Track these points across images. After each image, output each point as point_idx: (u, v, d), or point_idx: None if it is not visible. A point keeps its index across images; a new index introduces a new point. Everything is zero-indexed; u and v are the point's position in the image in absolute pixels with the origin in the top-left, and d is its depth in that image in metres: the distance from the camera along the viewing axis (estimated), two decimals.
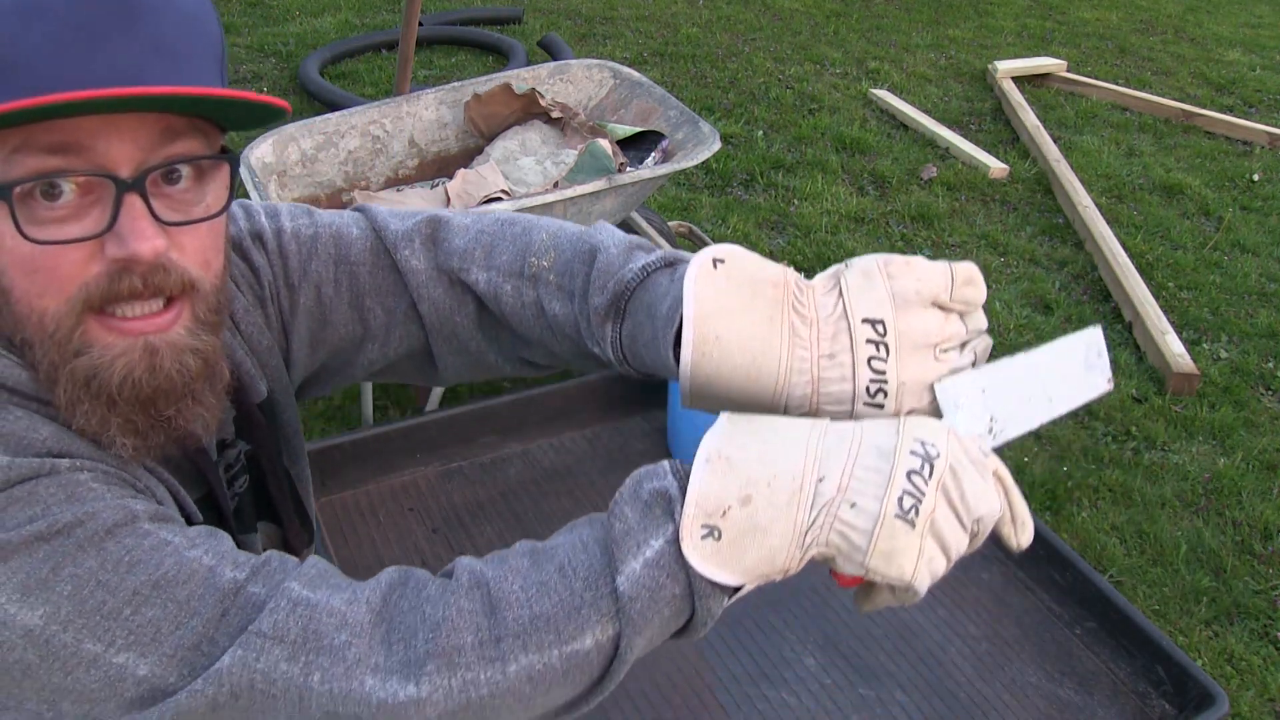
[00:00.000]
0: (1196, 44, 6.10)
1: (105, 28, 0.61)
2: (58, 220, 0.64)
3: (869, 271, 0.73)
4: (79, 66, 0.61)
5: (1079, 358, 0.71)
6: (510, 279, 0.86)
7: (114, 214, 0.64)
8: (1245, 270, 3.70)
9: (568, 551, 0.67)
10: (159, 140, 0.65)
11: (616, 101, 2.89)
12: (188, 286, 0.69)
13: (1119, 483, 2.66)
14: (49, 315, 0.66)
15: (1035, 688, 2.04)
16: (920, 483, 0.63)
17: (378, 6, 5.58)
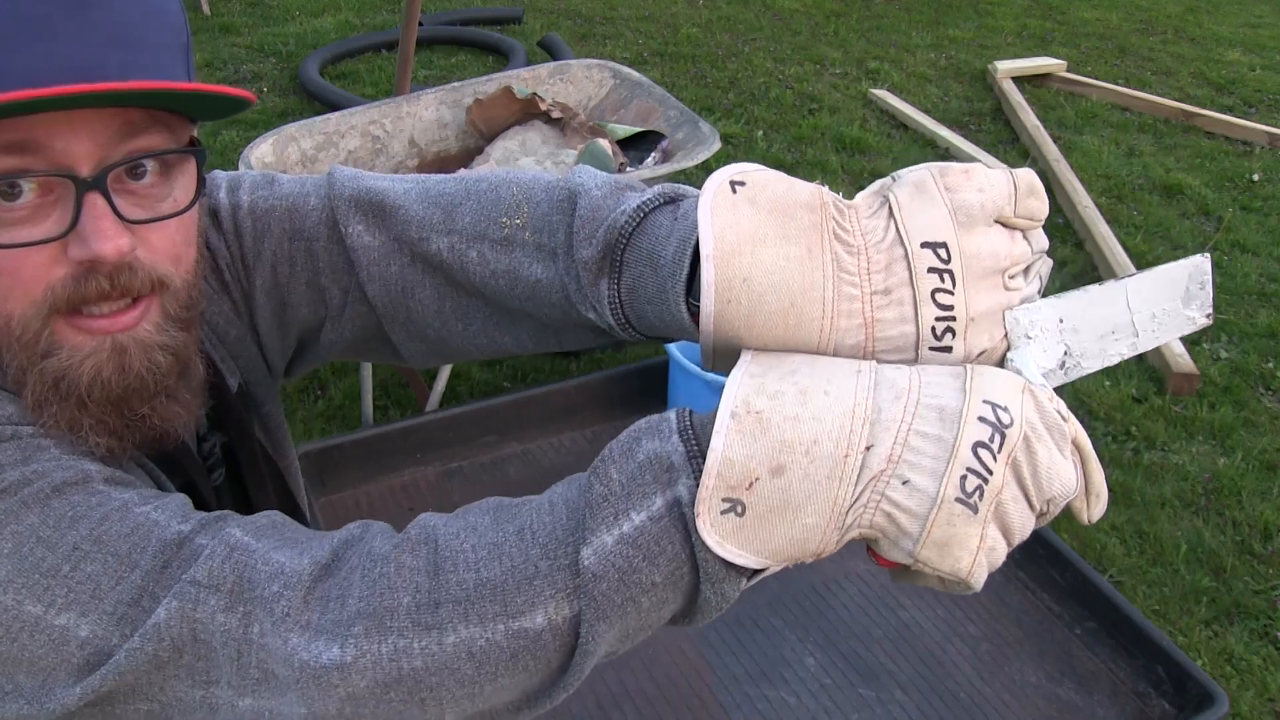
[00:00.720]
0: (1196, 44, 6.10)
1: (57, 18, 0.58)
2: (17, 222, 0.62)
3: (923, 184, 0.59)
4: (31, 60, 0.58)
5: (1179, 288, 0.62)
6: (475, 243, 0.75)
7: (75, 214, 0.61)
8: (1245, 270, 3.70)
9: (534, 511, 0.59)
10: (120, 135, 0.63)
11: (616, 101, 2.89)
12: (156, 284, 0.66)
13: (1119, 483, 2.66)
14: (15, 319, 0.64)
15: (1035, 688, 2.04)
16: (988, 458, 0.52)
17: (378, 6, 5.58)
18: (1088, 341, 0.60)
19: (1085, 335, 0.60)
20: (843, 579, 2.26)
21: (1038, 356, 0.58)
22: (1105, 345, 0.60)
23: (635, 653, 2.04)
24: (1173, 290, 0.62)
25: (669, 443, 0.56)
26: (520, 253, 0.73)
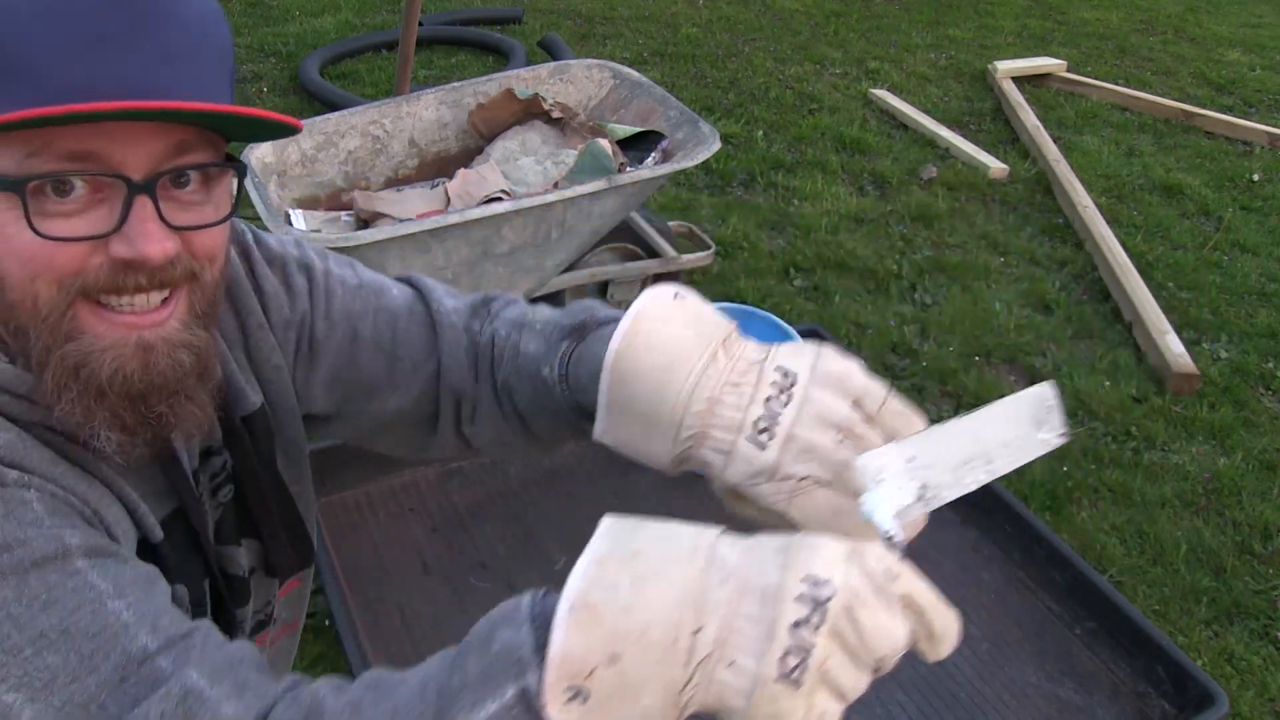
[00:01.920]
0: (1196, 44, 6.10)
1: (119, 34, 0.62)
2: (65, 215, 0.64)
3: (801, 347, 0.72)
4: (93, 73, 0.61)
5: (1026, 417, 0.66)
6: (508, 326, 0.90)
7: (124, 214, 0.65)
8: (1245, 270, 3.70)
9: (407, 693, 0.63)
10: (171, 150, 0.66)
11: (616, 101, 2.89)
12: (189, 276, 0.69)
13: (1119, 483, 2.66)
14: (42, 299, 0.66)
15: (1035, 688, 2.04)
16: (808, 634, 0.55)
17: (378, 6, 5.58)
18: (942, 474, 0.64)
19: (939, 469, 0.64)
20: None
21: (892, 495, 0.62)
22: (961, 475, 0.65)
23: None
24: (1020, 419, 0.66)
25: (520, 632, 0.60)
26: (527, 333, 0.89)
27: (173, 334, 0.69)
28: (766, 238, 3.68)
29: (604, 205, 2.44)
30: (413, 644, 2.01)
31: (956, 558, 2.34)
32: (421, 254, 2.25)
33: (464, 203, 2.55)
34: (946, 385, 2.99)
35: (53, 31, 0.61)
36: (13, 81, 0.61)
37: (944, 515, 2.42)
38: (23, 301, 0.66)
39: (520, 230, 2.35)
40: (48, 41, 0.61)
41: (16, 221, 0.64)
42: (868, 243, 3.69)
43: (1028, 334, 3.24)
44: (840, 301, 3.32)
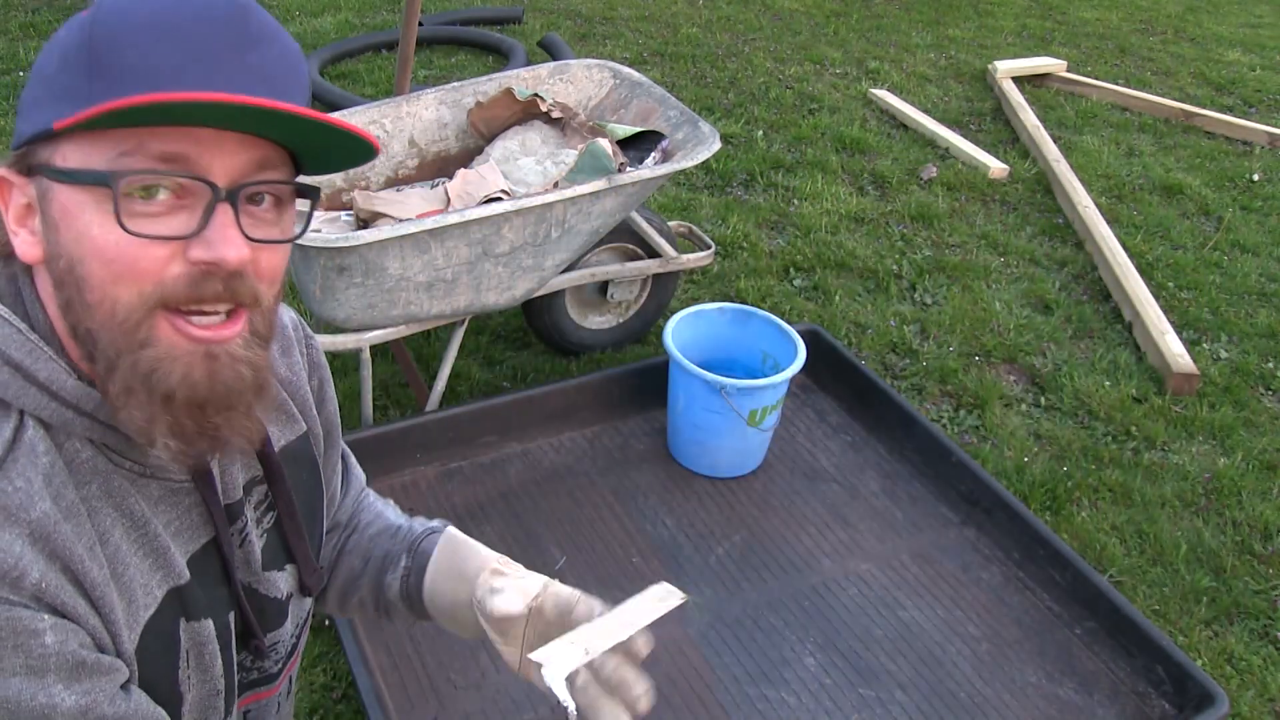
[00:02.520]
0: (1196, 44, 6.10)
1: (223, 56, 0.66)
2: (149, 216, 0.67)
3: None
4: (198, 84, 0.65)
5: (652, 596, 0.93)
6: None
7: (205, 219, 0.68)
8: (1245, 270, 3.70)
9: None
10: (255, 165, 0.70)
11: (616, 101, 2.89)
12: (254, 299, 0.72)
13: (1119, 483, 2.66)
14: (121, 304, 0.68)
15: (1035, 688, 2.04)
16: None
17: (378, 6, 5.58)
18: (597, 640, 0.87)
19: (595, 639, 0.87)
20: (843, 579, 2.26)
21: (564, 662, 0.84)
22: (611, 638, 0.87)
23: None
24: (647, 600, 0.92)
25: None
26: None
27: (236, 349, 0.72)
28: (766, 238, 3.68)
29: (604, 205, 2.44)
30: (413, 644, 2.01)
31: (957, 558, 2.34)
32: (421, 254, 2.25)
33: (464, 203, 2.55)
34: (946, 385, 2.99)
35: (165, 44, 0.65)
36: (129, 85, 0.64)
37: (944, 515, 2.43)
38: (102, 304, 0.68)
39: (520, 230, 2.35)
40: (160, 52, 0.65)
41: (103, 221, 0.66)
42: (868, 243, 3.69)
43: (1028, 334, 3.24)
44: (840, 301, 3.32)
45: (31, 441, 0.70)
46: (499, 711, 1.91)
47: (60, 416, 0.71)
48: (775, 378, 2.39)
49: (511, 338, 3.07)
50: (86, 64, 0.65)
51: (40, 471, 0.69)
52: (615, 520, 2.37)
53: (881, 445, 2.64)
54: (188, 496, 0.81)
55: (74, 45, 0.66)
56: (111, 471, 0.74)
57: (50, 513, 0.69)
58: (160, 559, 0.78)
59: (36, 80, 0.70)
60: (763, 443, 2.52)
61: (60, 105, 0.66)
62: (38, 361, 0.70)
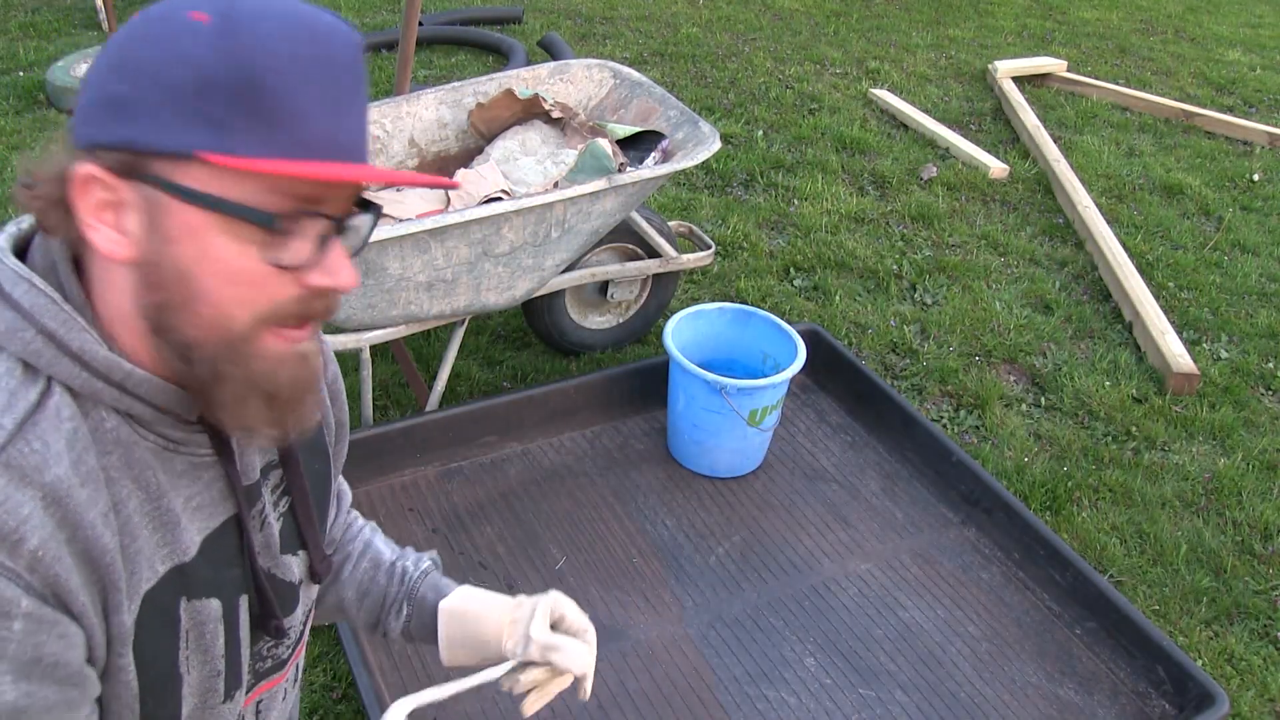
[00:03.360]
0: (1196, 44, 6.10)
1: (354, 94, 0.72)
2: (269, 244, 0.72)
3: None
4: (336, 128, 0.71)
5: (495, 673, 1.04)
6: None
7: (322, 248, 0.74)
8: (1245, 270, 3.70)
9: None
10: (353, 197, 0.77)
11: (616, 101, 2.89)
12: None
13: (1119, 483, 2.66)
14: (236, 322, 0.72)
15: (1035, 688, 2.04)
16: None
17: (378, 6, 5.58)
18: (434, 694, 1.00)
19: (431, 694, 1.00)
20: (843, 579, 2.26)
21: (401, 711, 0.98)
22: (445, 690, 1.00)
23: (635, 652, 2.04)
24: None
25: None
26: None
27: (311, 348, 0.79)
28: (766, 238, 3.68)
29: (604, 205, 2.44)
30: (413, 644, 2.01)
31: (957, 558, 2.34)
32: (421, 254, 2.25)
33: (464, 203, 2.55)
34: (946, 385, 2.99)
35: (310, 85, 0.69)
36: (277, 128, 0.68)
37: (944, 515, 2.43)
38: (216, 319, 0.72)
39: (520, 230, 2.35)
40: (307, 95, 0.69)
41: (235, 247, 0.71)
42: (868, 243, 3.69)
43: (1028, 334, 3.24)
44: (840, 301, 3.32)
45: (57, 406, 0.71)
46: (499, 711, 1.91)
47: (89, 385, 0.73)
48: (775, 378, 2.39)
49: (511, 338, 3.07)
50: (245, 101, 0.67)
51: (63, 436, 0.71)
52: (615, 520, 2.37)
53: (881, 445, 2.64)
54: (208, 471, 0.82)
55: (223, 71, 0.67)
56: (135, 443, 0.76)
57: (66, 476, 0.70)
58: (168, 534, 0.79)
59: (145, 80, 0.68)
60: (763, 443, 2.52)
61: (209, 134, 0.67)
62: (70, 331, 0.72)
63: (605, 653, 2.04)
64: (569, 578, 2.21)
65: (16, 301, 0.72)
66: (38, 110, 4.19)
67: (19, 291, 0.72)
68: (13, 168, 3.71)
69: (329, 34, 0.70)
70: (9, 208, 3.45)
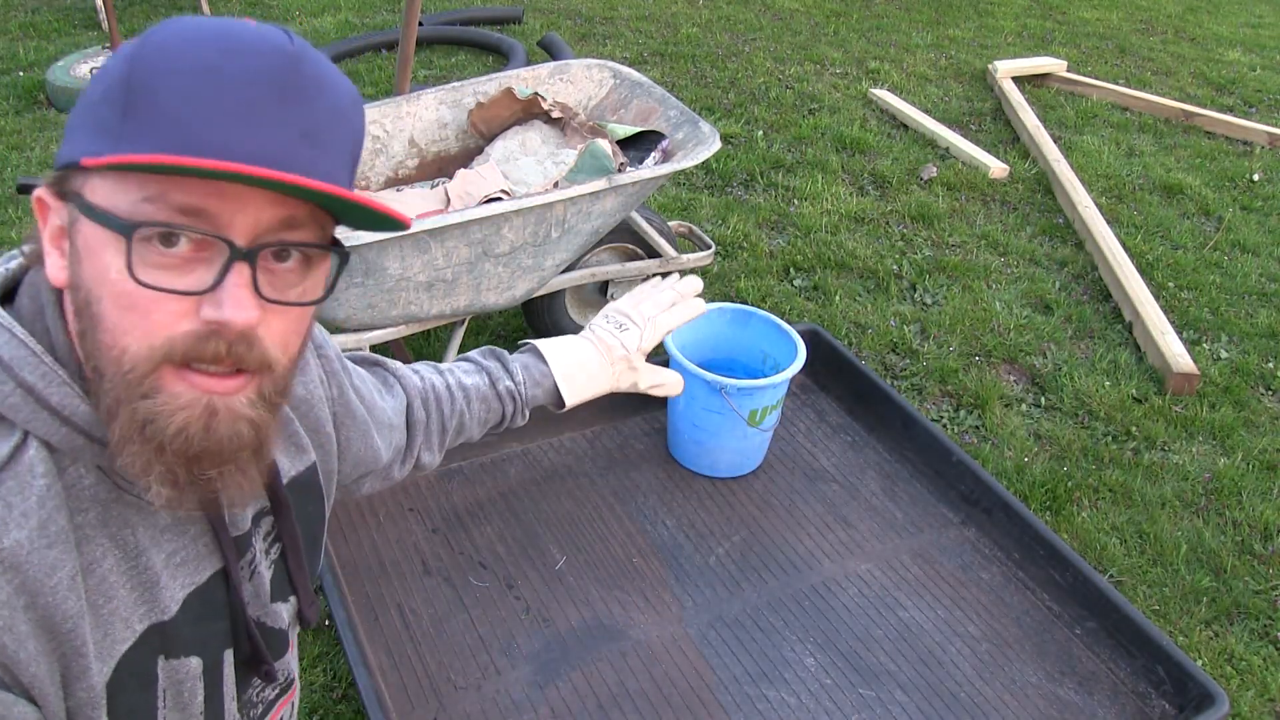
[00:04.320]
0: (1196, 44, 6.10)
1: (265, 106, 0.65)
2: (166, 267, 0.66)
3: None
4: (231, 137, 0.64)
5: None
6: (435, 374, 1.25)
7: (220, 277, 0.66)
8: (1245, 270, 3.70)
9: None
10: (280, 224, 0.68)
11: (616, 101, 2.89)
12: (264, 366, 0.70)
13: (1119, 483, 2.66)
14: (128, 354, 0.67)
15: (1035, 688, 2.04)
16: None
17: (378, 6, 5.58)
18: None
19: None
20: (843, 579, 2.26)
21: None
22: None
23: (635, 652, 2.04)
24: None
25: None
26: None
27: (239, 407, 0.70)
28: (766, 238, 3.68)
29: (604, 205, 2.44)
30: (413, 644, 2.01)
31: (957, 558, 2.34)
32: (421, 254, 2.25)
33: (464, 203, 2.55)
34: (946, 385, 2.99)
35: (208, 91, 0.64)
36: (159, 130, 0.63)
37: (944, 515, 2.43)
38: (112, 349, 0.67)
39: (520, 230, 2.35)
40: (201, 99, 0.64)
41: (121, 265, 0.65)
42: (868, 243, 3.69)
43: (1028, 334, 3.24)
44: (840, 301, 3.32)
45: (31, 463, 0.69)
46: (499, 711, 1.91)
47: (70, 442, 0.70)
48: (775, 378, 2.39)
49: (511, 338, 3.07)
50: (122, 101, 0.64)
51: (34, 494, 0.68)
52: (615, 520, 2.37)
53: (881, 445, 2.64)
54: (194, 525, 0.80)
55: (114, 79, 0.66)
56: (114, 500, 0.73)
57: (27, 541, 0.67)
58: (147, 593, 0.76)
59: (81, 104, 0.69)
60: (763, 443, 2.52)
61: (93, 139, 0.65)
62: (50, 385, 0.69)
63: (605, 653, 2.04)
64: (569, 577, 2.22)
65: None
66: (38, 110, 4.19)
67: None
68: (13, 167, 3.71)
69: (244, 47, 0.65)
70: (8, 209, 3.45)
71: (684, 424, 2.52)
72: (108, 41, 4.58)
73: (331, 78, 0.69)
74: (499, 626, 2.07)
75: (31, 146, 3.87)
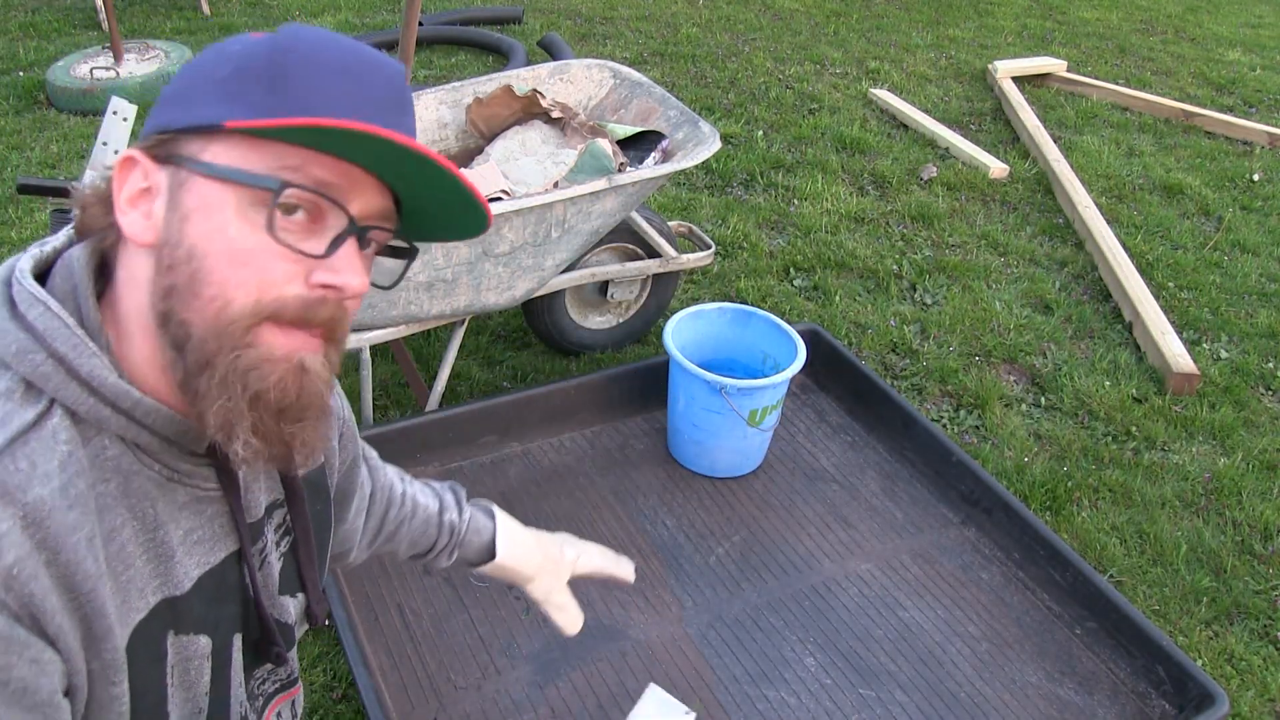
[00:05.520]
0: (1196, 44, 6.10)
1: (389, 108, 0.75)
2: (288, 229, 0.72)
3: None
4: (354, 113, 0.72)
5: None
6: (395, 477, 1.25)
7: (334, 245, 0.73)
8: (1245, 270, 3.70)
9: None
10: (381, 214, 0.77)
11: (616, 101, 2.89)
12: (341, 335, 0.78)
13: (1119, 483, 2.66)
14: (234, 306, 0.70)
15: (1035, 688, 2.04)
16: None
17: (378, 6, 5.59)
18: None
19: None
20: (843, 579, 2.26)
21: None
22: None
23: (635, 652, 2.04)
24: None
25: None
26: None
27: (318, 367, 0.76)
28: (766, 238, 3.68)
29: (604, 205, 2.44)
30: (413, 644, 2.01)
31: (957, 558, 2.34)
32: (421, 254, 2.25)
33: None
34: (946, 385, 2.99)
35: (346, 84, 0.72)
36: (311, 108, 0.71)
37: (944, 515, 2.42)
38: (214, 301, 0.70)
39: (520, 230, 2.35)
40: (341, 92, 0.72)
41: (244, 224, 0.71)
42: (868, 243, 3.69)
43: (1028, 334, 3.24)
44: (840, 301, 3.32)
45: (54, 429, 0.70)
46: (499, 711, 1.91)
47: (95, 411, 0.72)
48: (775, 378, 2.39)
49: (511, 338, 3.07)
50: (269, 80, 0.70)
51: (56, 458, 0.70)
52: (615, 520, 2.37)
53: (881, 445, 2.64)
54: (212, 505, 0.81)
55: (259, 61, 0.71)
56: (136, 472, 0.75)
57: (50, 498, 0.69)
58: (162, 566, 0.77)
59: (195, 77, 0.73)
60: (763, 443, 2.52)
61: (232, 107, 0.70)
62: (81, 356, 0.71)
63: (605, 652, 2.04)
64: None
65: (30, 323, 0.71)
66: (38, 110, 4.19)
67: (34, 314, 0.72)
68: (13, 167, 3.71)
69: (374, 59, 0.75)
70: (9, 208, 3.45)
71: (684, 424, 2.52)
72: (108, 41, 4.58)
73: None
74: (499, 626, 2.07)
75: (31, 146, 3.87)
